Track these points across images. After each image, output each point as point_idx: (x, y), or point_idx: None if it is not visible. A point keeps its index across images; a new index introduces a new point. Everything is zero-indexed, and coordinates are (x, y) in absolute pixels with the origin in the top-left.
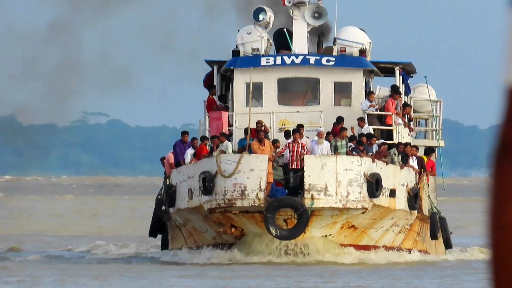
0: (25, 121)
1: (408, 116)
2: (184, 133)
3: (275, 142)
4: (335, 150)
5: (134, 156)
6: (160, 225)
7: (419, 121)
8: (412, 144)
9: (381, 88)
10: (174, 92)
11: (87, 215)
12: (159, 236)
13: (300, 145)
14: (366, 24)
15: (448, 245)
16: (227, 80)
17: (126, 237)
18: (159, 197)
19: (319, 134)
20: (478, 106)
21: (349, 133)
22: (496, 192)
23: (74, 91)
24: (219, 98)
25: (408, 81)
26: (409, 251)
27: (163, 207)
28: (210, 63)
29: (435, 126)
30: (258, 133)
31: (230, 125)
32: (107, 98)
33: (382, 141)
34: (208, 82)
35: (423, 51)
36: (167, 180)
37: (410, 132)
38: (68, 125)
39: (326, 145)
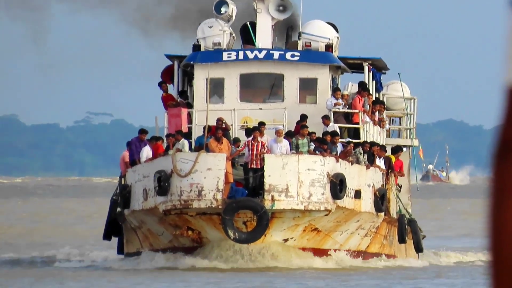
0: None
1: (380, 113)
2: (142, 131)
3: (236, 141)
4: (296, 149)
5: None
6: (115, 228)
7: (392, 119)
8: (381, 144)
9: (353, 85)
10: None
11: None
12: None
13: (260, 144)
14: (337, 19)
15: (418, 249)
16: (189, 75)
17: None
18: (114, 197)
19: (277, 132)
20: (483, 105)
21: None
22: (496, 192)
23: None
24: (180, 94)
25: (381, 78)
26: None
27: (118, 209)
28: (170, 57)
29: (409, 125)
30: (216, 131)
31: (190, 122)
32: (111, 98)
33: (348, 139)
34: (165, 76)
35: (411, 48)
36: (122, 180)
37: (382, 128)
38: (72, 125)
39: (285, 144)
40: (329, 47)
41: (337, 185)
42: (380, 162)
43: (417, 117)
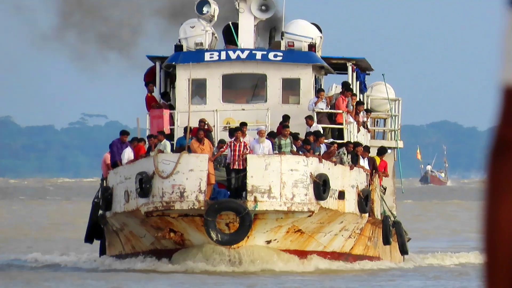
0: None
1: (363, 114)
2: (124, 133)
3: (221, 143)
4: (279, 149)
5: None
6: (97, 230)
7: (377, 121)
8: (365, 144)
9: (337, 86)
10: None
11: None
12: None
13: (243, 144)
14: (320, 19)
15: (403, 251)
16: (171, 77)
17: None
18: (95, 200)
19: (259, 133)
20: (478, 107)
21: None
22: (491, 192)
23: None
24: (162, 96)
25: (365, 79)
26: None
27: (100, 211)
28: (152, 58)
29: (394, 126)
30: (197, 132)
31: (172, 124)
32: (105, 99)
33: (331, 140)
34: (149, 77)
35: (403, 48)
36: (104, 182)
37: (367, 130)
38: (66, 126)
39: (267, 144)
40: (312, 46)
41: (321, 186)
42: (364, 162)
43: (411, 118)
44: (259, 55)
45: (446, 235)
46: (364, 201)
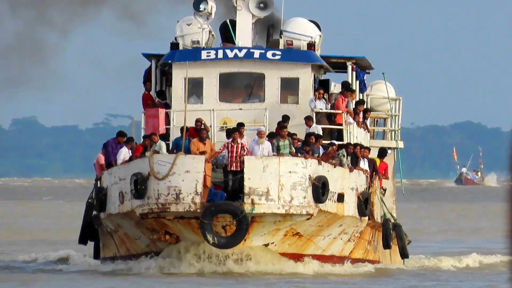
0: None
1: (363, 114)
2: (121, 134)
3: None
4: (277, 150)
5: None
6: (91, 231)
7: (377, 121)
8: (364, 145)
9: (336, 85)
10: None
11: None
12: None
13: (240, 145)
14: (319, 16)
15: (404, 254)
16: (167, 75)
17: None
18: (89, 200)
19: (259, 134)
20: (502, 107)
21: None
22: None
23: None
24: (157, 95)
25: (365, 78)
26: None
27: (94, 212)
28: (148, 56)
29: (394, 126)
30: (199, 131)
31: (168, 123)
32: (130, 100)
33: (331, 141)
34: (149, 75)
35: (404, 48)
36: (98, 182)
37: (366, 131)
38: (91, 127)
39: (267, 146)
40: (311, 45)
41: (319, 188)
42: (364, 164)
43: (433, 119)
44: (257, 53)
45: (455, 236)
46: (364, 204)
